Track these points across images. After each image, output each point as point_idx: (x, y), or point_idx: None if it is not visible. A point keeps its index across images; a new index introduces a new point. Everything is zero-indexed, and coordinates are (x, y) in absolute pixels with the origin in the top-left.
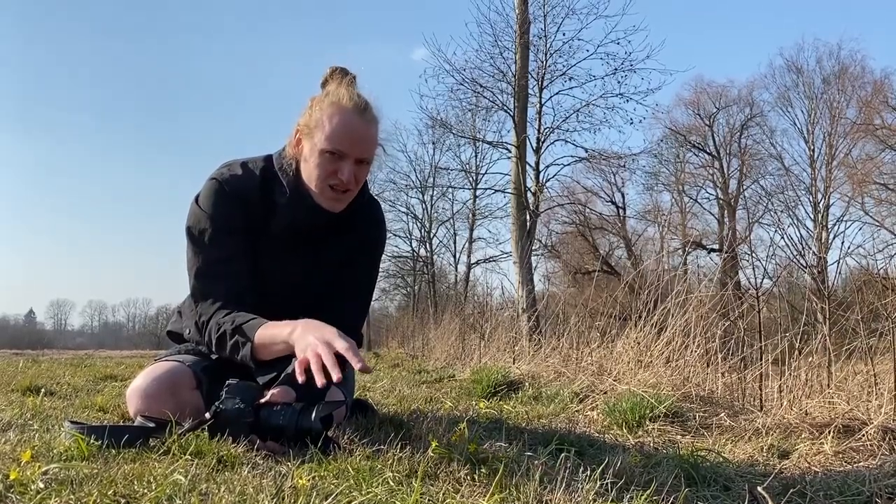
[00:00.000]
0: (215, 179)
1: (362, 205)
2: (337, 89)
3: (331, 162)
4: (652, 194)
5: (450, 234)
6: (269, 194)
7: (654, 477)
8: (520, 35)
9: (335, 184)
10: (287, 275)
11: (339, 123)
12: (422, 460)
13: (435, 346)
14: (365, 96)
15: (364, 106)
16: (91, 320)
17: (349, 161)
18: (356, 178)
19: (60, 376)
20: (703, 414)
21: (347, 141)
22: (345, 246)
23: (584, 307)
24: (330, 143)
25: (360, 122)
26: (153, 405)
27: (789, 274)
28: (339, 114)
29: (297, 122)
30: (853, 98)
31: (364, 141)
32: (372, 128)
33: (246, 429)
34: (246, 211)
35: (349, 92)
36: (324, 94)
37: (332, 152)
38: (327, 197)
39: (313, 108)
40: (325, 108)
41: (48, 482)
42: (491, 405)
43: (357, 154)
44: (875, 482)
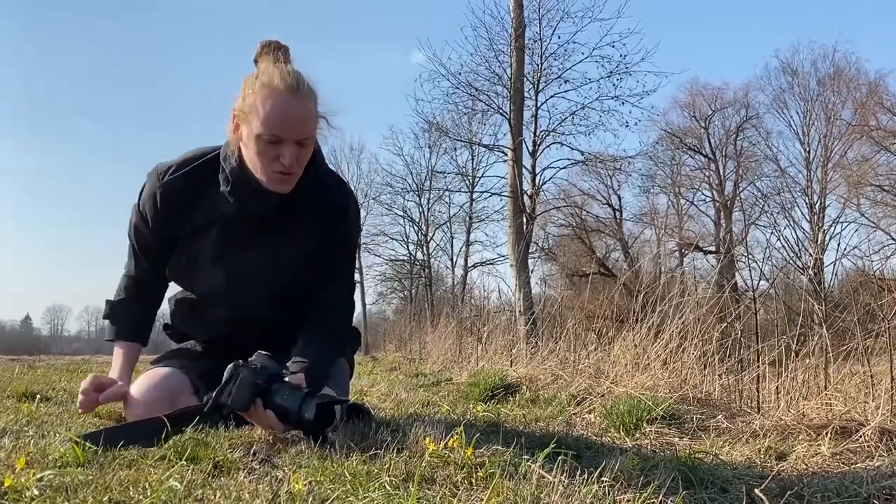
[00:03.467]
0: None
1: (316, 185)
2: (268, 68)
3: (270, 147)
4: (648, 197)
5: (447, 237)
6: (209, 188)
7: (651, 479)
8: (515, 38)
9: (278, 169)
10: (251, 269)
11: (272, 107)
12: (419, 464)
13: (432, 349)
14: (298, 71)
15: (297, 84)
16: (88, 326)
17: (289, 144)
18: (298, 160)
19: (56, 382)
20: (700, 416)
21: (284, 125)
22: (308, 236)
23: (580, 310)
24: (266, 128)
25: (294, 102)
26: (153, 411)
27: (786, 275)
28: (272, 97)
29: (233, 106)
30: (848, 100)
31: (301, 122)
32: (308, 106)
33: (253, 390)
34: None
35: (280, 71)
36: (255, 75)
37: (269, 138)
38: (273, 180)
39: (246, 90)
40: (257, 91)
41: (43, 489)
42: (488, 408)
43: (296, 136)
44: (872, 483)
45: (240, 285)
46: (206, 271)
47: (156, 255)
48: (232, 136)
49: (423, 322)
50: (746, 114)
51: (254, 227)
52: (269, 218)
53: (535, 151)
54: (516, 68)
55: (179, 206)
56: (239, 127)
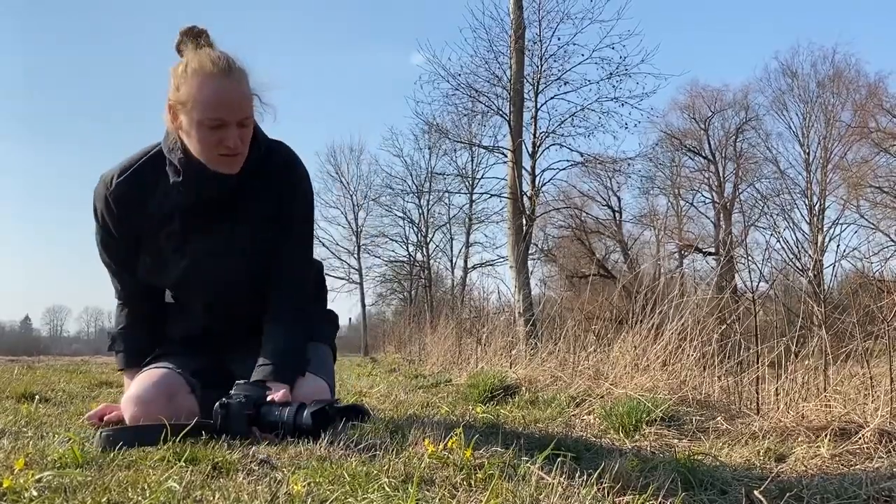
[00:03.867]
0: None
1: (262, 156)
2: (195, 55)
3: (213, 132)
4: (648, 198)
5: (446, 238)
6: (159, 182)
7: (650, 481)
8: (515, 40)
9: (223, 152)
10: (213, 252)
11: (209, 93)
12: (418, 466)
13: (431, 350)
14: (225, 53)
15: (228, 66)
16: (87, 326)
17: (231, 126)
18: (242, 139)
19: (55, 383)
20: (699, 418)
21: (223, 109)
22: (263, 202)
23: (580, 311)
24: (207, 114)
25: (229, 84)
26: (151, 411)
27: (785, 277)
28: (206, 83)
29: (168, 98)
30: (848, 101)
31: (239, 104)
32: (242, 86)
33: (245, 420)
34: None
35: (209, 55)
36: (183, 63)
37: (211, 123)
38: (220, 163)
39: (178, 80)
40: (189, 78)
41: (42, 490)
42: (487, 410)
43: (236, 118)
44: (872, 485)
45: (205, 271)
46: (171, 262)
47: (133, 257)
48: (171, 127)
49: (422, 323)
50: (746, 115)
51: (210, 212)
52: (224, 201)
53: (535, 153)
54: (516, 70)
55: (134, 206)
56: (177, 117)
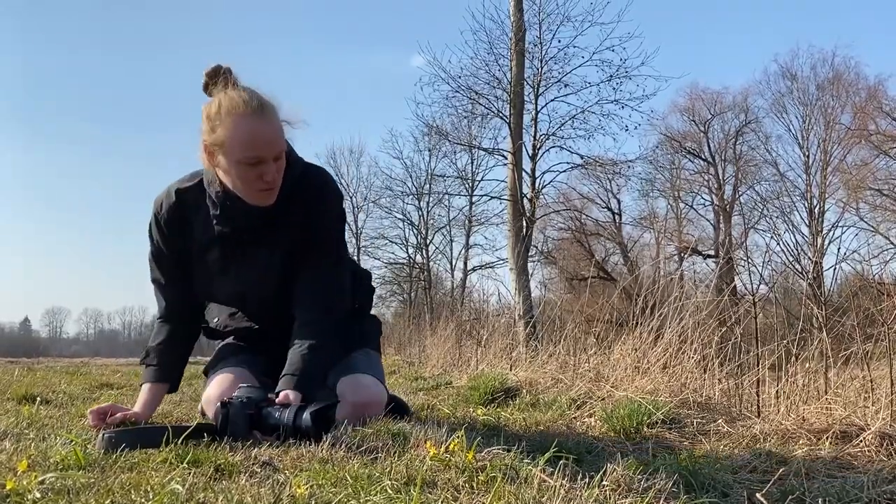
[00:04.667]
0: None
1: (296, 180)
2: (226, 96)
3: (252, 169)
4: (648, 200)
5: (446, 240)
6: (201, 208)
7: (652, 484)
8: (515, 42)
9: (262, 187)
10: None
11: (245, 133)
12: (420, 468)
13: (431, 352)
14: (254, 90)
15: (259, 105)
16: (87, 328)
17: (269, 162)
18: (278, 172)
19: (56, 385)
20: (700, 420)
21: (260, 147)
22: (298, 226)
23: (580, 313)
24: (245, 153)
25: (262, 123)
26: None
27: (785, 279)
28: (241, 123)
29: (202, 138)
30: (847, 104)
31: (274, 140)
32: (275, 122)
33: (246, 421)
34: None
35: (240, 95)
36: (216, 104)
37: (249, 162)
38: (259, 198)
39: (213, 121)
40: (224, 120)
41: (45, 492)
42: (488, 412)
43: (273, 153)
44: (873, 488)
45: (251, 291)
46: (218, 283)
47: (180, 274)
48: (208, 165)
49: (422, 325)
50: (746, 118)
51: (248, 240)
52: (260, 229)
53: (535, 155)
54: (516, 72)
55: (181, 230)
56: (214, 157)
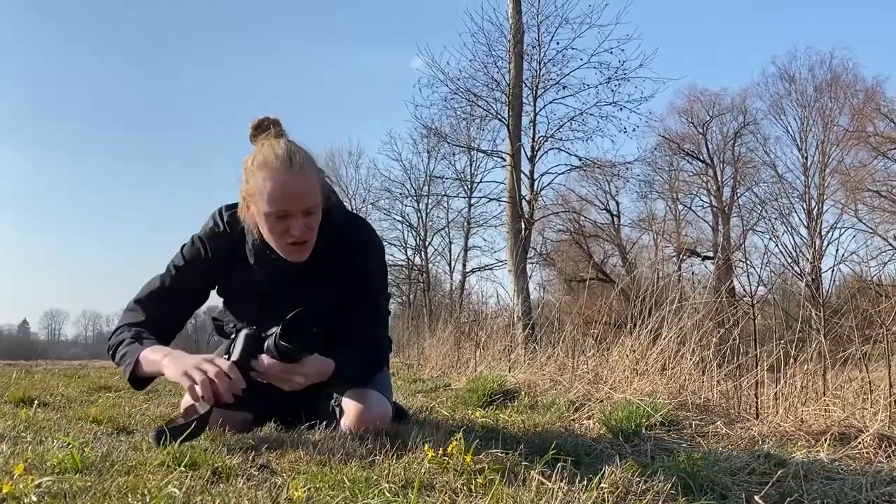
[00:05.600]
0: (200, 238)
1: (335, 234)
2: (262, 149)
3: (280, 223)
4: (646, 202)
5: (445, 242)
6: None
7: (650, 486)
8: (514, 44)
9: (290, 240)
10: None
11: (273, 187)
12: (418, 471)
13: (430, 354)
14: (291, 143)
15: (291, 158)
16: (85, 330)
17: (297, 216)
18: (308, 227)
19: (54, 387)
20: (699, 422)
21: (287, 201)
22: (337, 283)
23: (579, 315)
24: (271, 206)
25: (292, 178)
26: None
27: (784, 281)
28: (271, 177)
29: (241, 189)
30: (845, 106)
31: (303, 194)
32: (307, 177)
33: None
34: (219, 267)
35: (275, 148)
36: (252, 156)
37: (277, 214)
38: (289, 252)
39: (248, 173)
40: (257, 172)
41: (41, 495)
42: (487, 414)
43: (301, 208)
44: (871, 490)
45: None
46: (257, 317)
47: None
48: (246, 215)
49: (421, 327)
50: (744, 120)
51: (285, 288)
52: (296, 280)
53: (534, 157)
54: (515, 74)
55: (223, 259)
56: (249, 207)
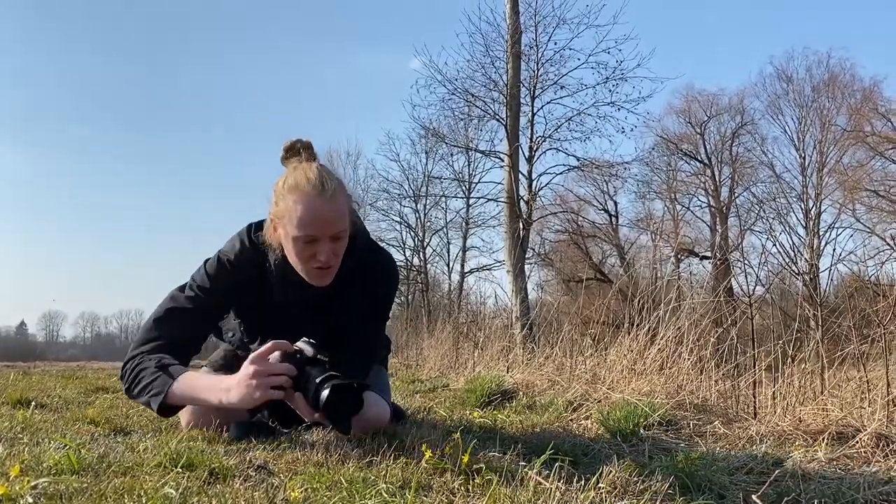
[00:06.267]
0: (224, 256)
1: (358, 260)
2: (294, 172)
3: (306, 247)
4: (644, 202)
5: (443, 243)
6: (265, 272)
7: (648, 486)
8: (511, 45)
9: (316, 265)
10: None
11: (303, 211)
12: (415, 471)
13: (428, 355)
14: (322, 168)
15: (323, 183)
16: (83, 332)
17: (324, 242)
18: (335, 253)
19: (51, 389)
20: (697, 422)
21: (316, 226)
22: (353, 306)
23: (577, 315)
24: (300, 231)
25: (322, 203)
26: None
27: (781, 281)
28: (301, 201)
29: (270, 210)
30: (843, 106)
31: (332, 220)
32: (337, 203)
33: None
34: (242, 290)
35: (307, 173)
36: (283, 179)
37: (305, 239)
38: (313, 276)
39: (277, 196)
40: (287, 196)
41: (37, 496)
42: (485, 414)
43: (328, 234)
44: (869, 489)
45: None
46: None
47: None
48: (273, 236)
49: (419, 328)
50: (742, 120)
51: (302, 308)
52: (315, 302)
53: (532, 157)
54: (512, 74)
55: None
56: (276, 229)
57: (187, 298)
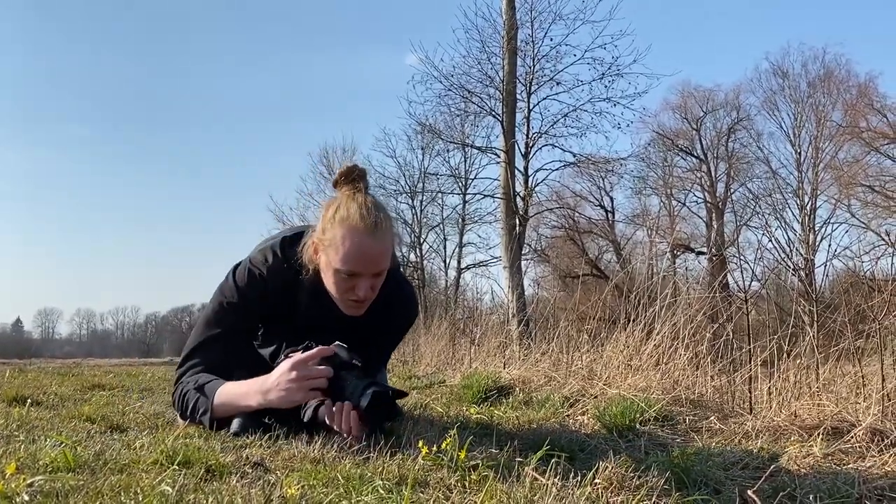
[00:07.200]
0: (255, 268)
1: (388, 294)
2: (348, 203)
3: (347, 280)
4: (640, 198)
5: (439, 239)
6: (294, 288)
7: (644, 481)
8: (507, 40)
9: (352, 297)
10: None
11: (351, 247)
12: (412, 467)
13: (425, 351)
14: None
15: (375, 224)
16: (79, 329)
17: (365, 278)
18: (373, 288)
19: (47, 386)
20: (692, 417)
21: (361, 264)
22: (376, 326)
23: (573, 311)
24: (344, 265)
25: (372, 243)
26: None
27: (777, 276)
28: (350, 237)
29: (314, 228)
30: (838, 101)
31: (377, 260)
32: (385, 244)
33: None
34: (269, 302)
35: (360, 208)
36: (335, 207)
37: (347, 273)
38: (348, 307)
39: (326, 223)
40: (336, 226)
41: (33, 494)
42: (481, 411)
43: (371, 272)
44: (864, 484)
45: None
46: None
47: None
48: (312, 257)
49: (415, 324)
50: (737, 115)
51: (326, 323)
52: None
53: (528, 153)
54: (508, 70)
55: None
56: (318, 252)
57: (219, 322)
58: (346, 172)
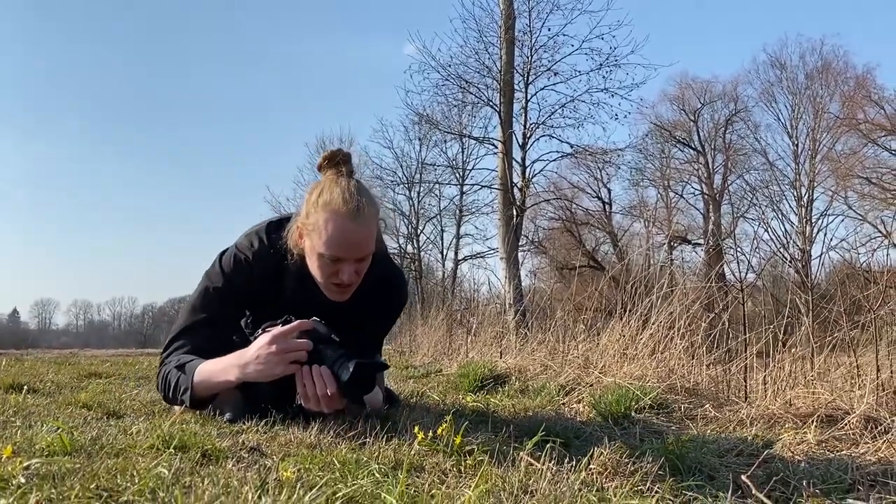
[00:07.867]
0: (241, 253)
1: (374, 277)
2: (331, 187)
3: (331, 265)
4: (637, 190)
5: (437, 230)
6: (280, 273)
7: (639, 467)
8: (505, 30)
9: (336, 282)
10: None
11: (334, 231)
12: (407, 452)
13: (422, 341)
14: (359, 188)
15: (358, 207)
16: (76, 319)
17: (349, 263)
18: (357, 273)
19: (44, 374)
20: (688, 405)
21: (344, 248)
22: (364, 311)
23: (569, 301)
24: (327, 250)
25: (354, 228)
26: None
27: (773, 267)
28: (333, 221)
29: (298, 214)
30: (836, 93)
31: (361, 244)
32: (368, 228)
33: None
34: (256, 287)
35: (343, 192)
36: (318, 191)
37: (330, 258)
38: (332, 292)
39: (310, 207)
40: (319, 210)
41: (30, 477)
42: (478, 399)
43: (355, 256)
44: (857, 470)
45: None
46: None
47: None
48: (296, 242)
49: (413, 314)
50: (735, 107)
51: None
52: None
53: (525, 144)
54: (506, 60)
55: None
56: (302, 238)
57: (204, 307)
58: (330, 156)
